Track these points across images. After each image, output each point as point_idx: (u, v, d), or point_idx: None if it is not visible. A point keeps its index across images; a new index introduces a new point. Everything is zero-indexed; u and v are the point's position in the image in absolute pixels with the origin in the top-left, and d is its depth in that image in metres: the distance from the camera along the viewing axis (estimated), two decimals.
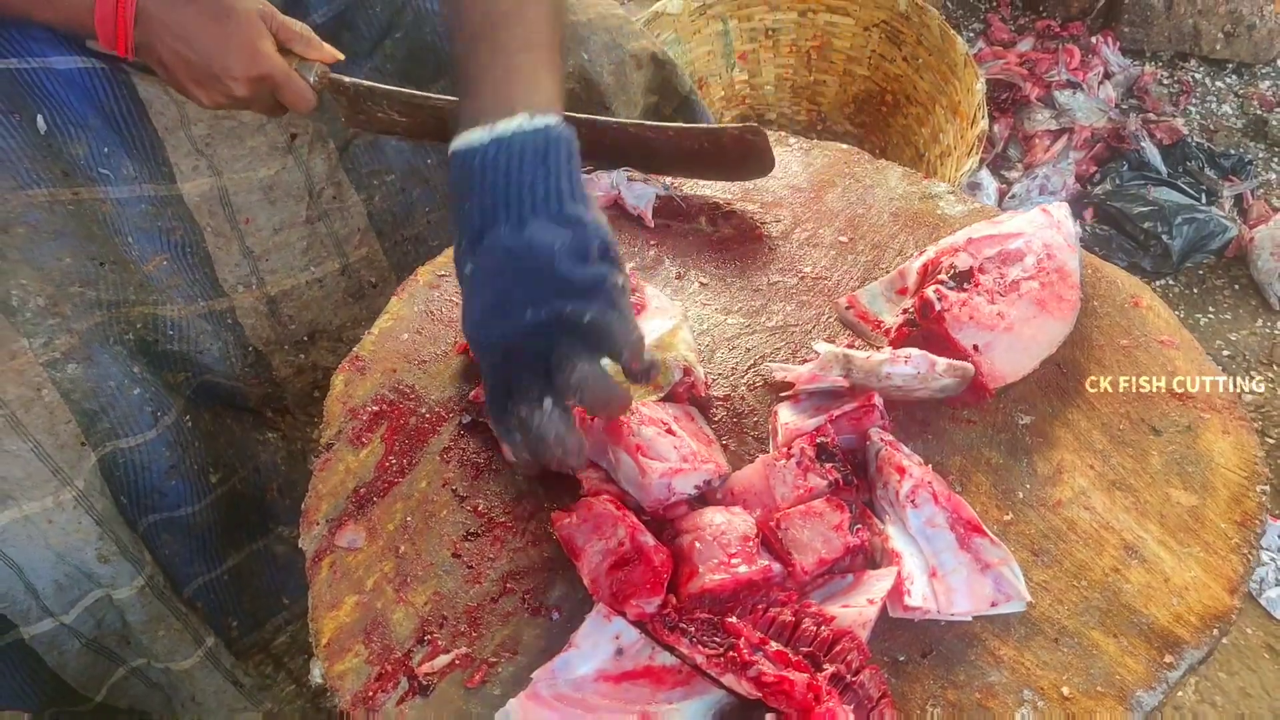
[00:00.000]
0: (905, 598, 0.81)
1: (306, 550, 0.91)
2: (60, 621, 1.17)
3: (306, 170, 1.27)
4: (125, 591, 1.20)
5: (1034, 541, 0.87)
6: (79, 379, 1.14)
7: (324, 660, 0.83)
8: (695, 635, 0.79)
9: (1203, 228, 2.11)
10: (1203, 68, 2.62)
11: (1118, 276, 1.07)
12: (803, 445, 0.88)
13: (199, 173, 1.23)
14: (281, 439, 1.45)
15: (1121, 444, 0.93)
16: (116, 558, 1.17)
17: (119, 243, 1.19)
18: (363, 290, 1.38)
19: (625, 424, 0.88)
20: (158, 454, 1.25)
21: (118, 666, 1.29)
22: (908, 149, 2.23)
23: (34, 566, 1.11)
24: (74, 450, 1.13)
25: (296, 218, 1.29)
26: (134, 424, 1.22)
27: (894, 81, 2.24)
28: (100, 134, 1.16)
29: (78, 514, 1.12)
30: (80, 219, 1.16)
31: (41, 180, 1.12)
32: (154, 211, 1.21)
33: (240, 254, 1.27)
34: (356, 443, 0.98)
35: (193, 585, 1.39)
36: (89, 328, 1.17)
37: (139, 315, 1.22)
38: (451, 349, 1.06)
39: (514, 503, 0.93)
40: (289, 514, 1.49)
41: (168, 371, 1.28)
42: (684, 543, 0.84)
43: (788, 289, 1.10)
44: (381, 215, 1.35)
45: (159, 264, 1.22)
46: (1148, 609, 0.82)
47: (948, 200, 1.18)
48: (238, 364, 1.32)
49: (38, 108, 1.12)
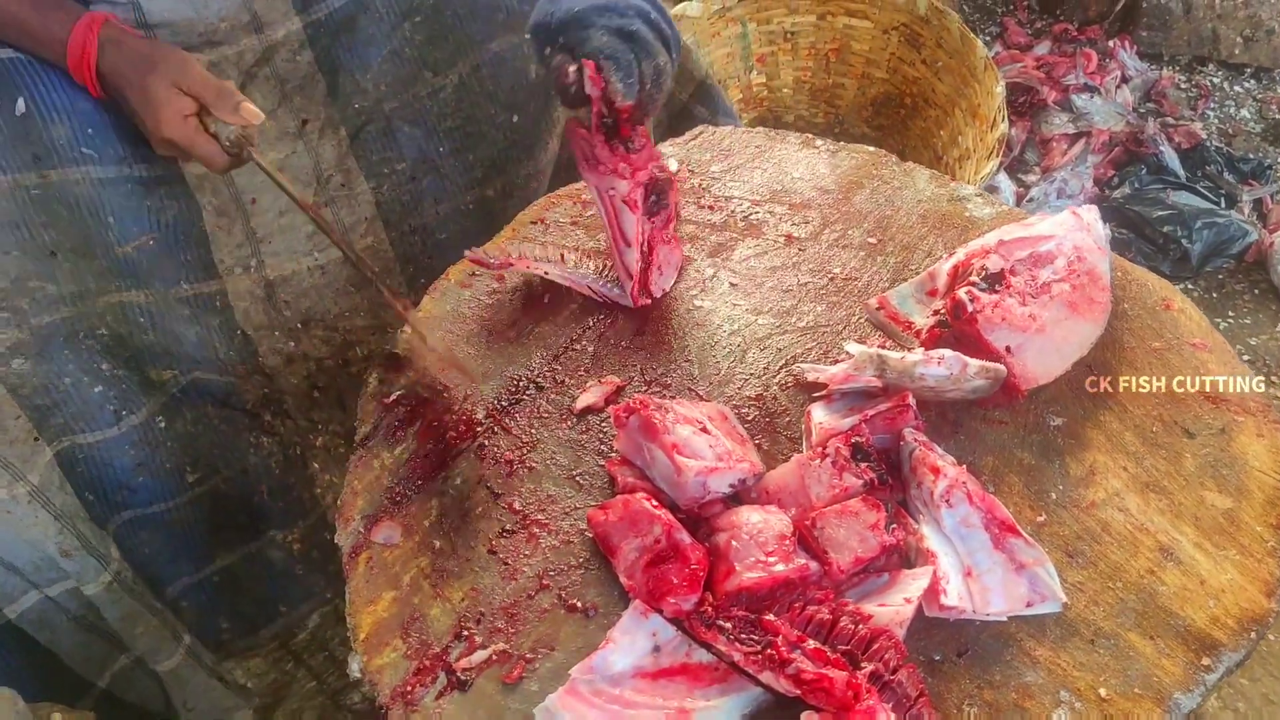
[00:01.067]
0: (941, 597, 0.81)
1: (343, 546, 0.92)
2: (44, 594, 1.18)
3: (315, 156, 1.26)
4: (93, 587, 1.20)
5: (1068, 542, 0.87)
6: (27, 374, 1.14)
7: (363, 654, 0.84)
8: (733, 633, 0.79)
9: (1222, 232, 2.11)
10: (1221, 72, 2.62)
11: (1148, 279, 1.07)
12: (838, 445, 0.88)
13: None
14: (278, 443, 1.43)
15: (1155, 446, 0.93)
16: (79, 553, 1.18)
17: (93, 224, 1.18)
18: (365, 280, 1.37)
19: (661, 421, 0.88)
20: (120, 451, 1.25)
21: (119, 654, 1.29)
22: (926, 152, 2.23)
23: (6, 547, 1.13)
24: (26, 445, 1.14)
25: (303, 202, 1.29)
26: (91, 421, 1.22)
27: (912, 84, 2.24)
28: (87, 116, 1.15)
29: (33, 508, 1.13)
30: (43, 204, 1.15)
31: (6, 166, 1.12)
32: (142, 190, 1.19)
33: (243, 234, 1.26)
34: (391, 439, 0.99)
35: (177, 585, 1.39)
36: (51, 322, 1.16)
37: (105, 306, 1.20)
38: (485, 345, 1.07)
39: (548, 500, 0.93)
40: (282, 518, 1.47)
41: (151, 368, 1.27)
42: (720, 541, 0.84)
43: (818, 290, 1.10)
44: (389, 204, 1.34)
45: (144, 244, 1.20)
46: (1184, 611, 0.82)
47: (976, 202, 1.18)
48: (220, 349, 1.30)
49: (19, 91, 1.12)
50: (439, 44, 1.28)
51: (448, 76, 1.29)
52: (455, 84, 1.30)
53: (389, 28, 1.25)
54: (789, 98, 2.43)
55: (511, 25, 1.28)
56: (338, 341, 1.38)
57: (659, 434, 0.88)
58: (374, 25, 1.24)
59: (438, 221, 1.38)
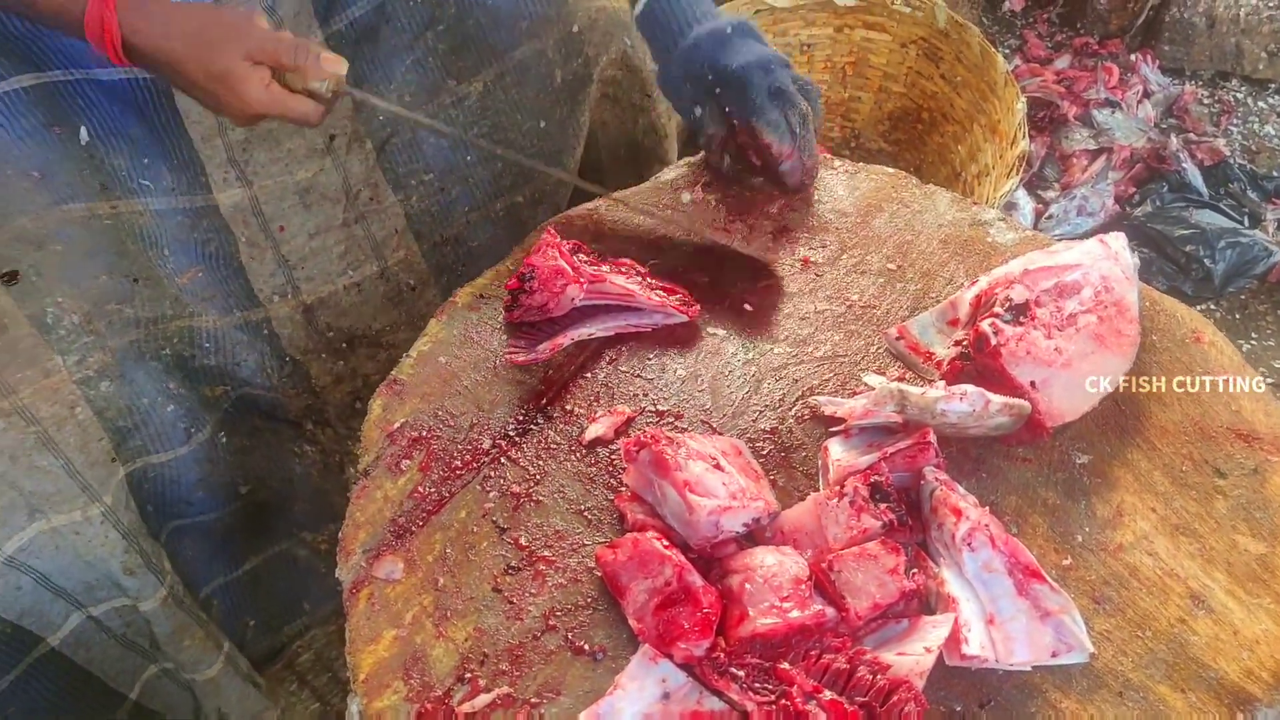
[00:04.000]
0: (963, 646, 0.78)
1: (344, 580, 0.89)
2: (88, 613, 1.17)
3: (344, 171, 1.25)
4: (150, 604, 1.19)
5: (1094, 588, 0.84)
6: (113, 397, 1.14)
7: (363, 696, 0.81)
8: (746, 681, 0.76)
9: (1246, 252, 2.07)
10: (1244, 87, 2.58)
11: (1177, 310, 1.04)
12: (856, 484, 0.85)
13: (229, 184, 1.21)
14: (319, 452, 1.44)
15: (1184, 486, 0.90)
16: (141, 570, 1.17)
17: (154, 256, 1.18)
18: (401, 294, 1.36)
19: (673, 457, 0.85)
20: (187, 469, 1.25)
21: (149, 664, 1.29)
22: (943, 168, 2.19)
23: (62, 571, 1.11)
24: (104, 467, 1.13)
25: (333, 221, 1.28)
26: (166, 440, 1.21)
27: (930, 99, 2.21)
28: (141, 144, 1.15)
29: (105, 528, 1.11)
30: (115, 235, 1.15)
31: (79, 195, 1.12)
32: (190, 223, 1.20)
33: (275, 263, 1.26)
34: (394, 470, 0.96)
35: (210, 585, 1.39)
36: (124, 345, 1.16)
37: (175, 330, 1.21)
38: (492, 372, 1.04)
39: (556, 536, 0.90)
40: (313, 520, 1.48)
41: (205, 386, 1.27)
42: (733, 583, 0.81)
43: (835, 317, 1.07)
44: (420, 216, 1.33)
45: (194, 276, 1.21)
46: (1216, 663, 0.78)
47: (999, 227, 1.15)
48: (275, 374, 1.31)
49: (81, 119, 1.11)
50: (462, 53, 1.27)
51: (472, 85, 1.28)
52: (480, 92, 1.28)
53: (411, 38, 1.23)
54: None
55: (535, 32, 1.27)
56: (384, 358, 1.37)
57: (670, 470, 0.85)
58: (396, 36, 1.23)
59: (469, 230, 1.37)
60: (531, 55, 1.28)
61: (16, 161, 1.08)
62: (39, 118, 1.08)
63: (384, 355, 1.39)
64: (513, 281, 1.06)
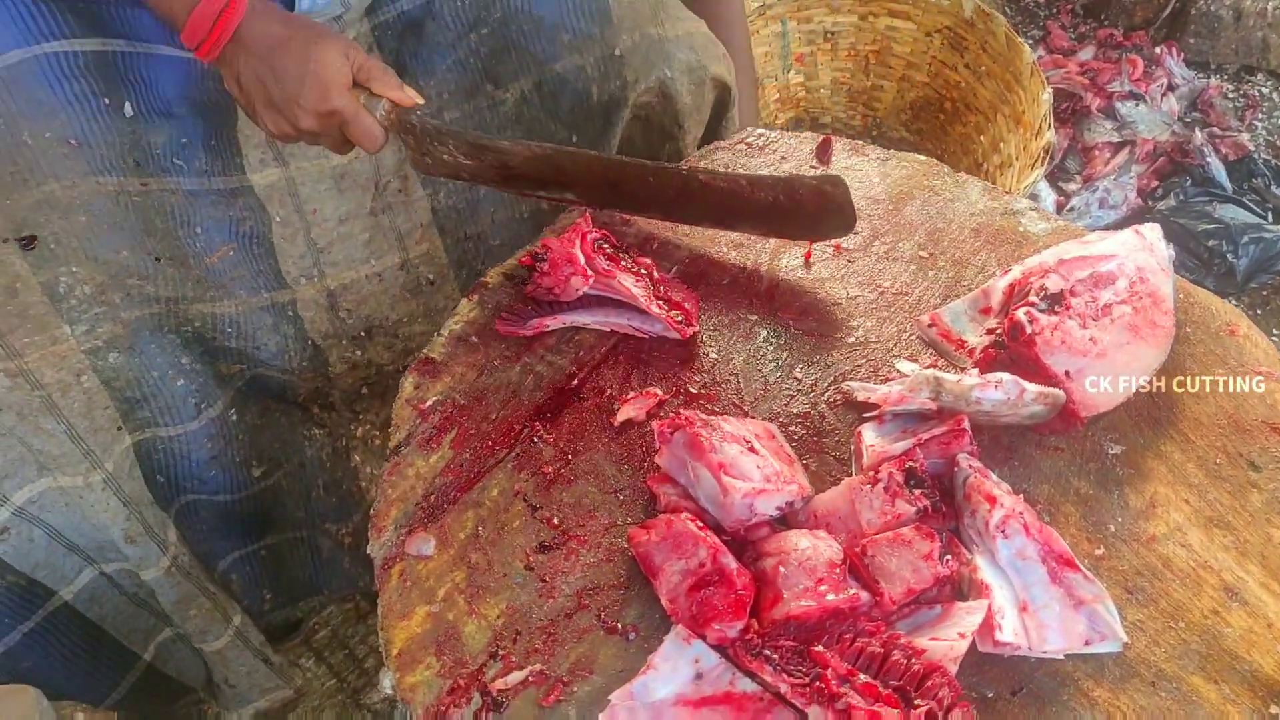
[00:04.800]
0: (996, 632, 0.78)
1: (375, 557, 0.90)
2: (100, 569, 1.20)
3: (377, 160, 1.25)
4: (152, 572, 1.21)
5: (1127, 578, 0.84)
6: (121, 368, 1.16)
7: (395, 671, 0.82)
8: (779, 663, 0.77)
9: (1270, 247, 2.05)
10: (1270, 82, 2.56)
11: (1212, 303, 1.03)
12: (891, 470, 0.85)
13: (265, 164, 1.21)
14: (327, 435, 1.45)
15: (1218, 479, 0.90)
16: (143, 538, 1.19)
17: (184, 235, 1.18)
18: (420, 286, 1.37)
19: (708, 439, 0.85)
20: (198, 444, 1.26)
21: (163, 626, 1.31)
22: (965, 158, 2.19)
23: (74, 527, 1.14)
24: (108, 434, 1.15)
25: (361, 208, 1.28)
26: (176, 414, 1.23)
27: (954, 89, 2.20)
28: (183, 124, 1.15)
29: (106, 495, 1.14)
30: (143, 212, 1.15)
31: (114, 168, 1.12)
32: (224, 201, 1.20)
33: (305, 245, 1.26)
34: (426, 447, 0.97)
35: (227, 559, 1.41)
36: (139, 317, 1.17)
37: (197, 313, 1.21)
38: (523, 349, 1.04)
39: (588, 515, 0.91)
40: (335, 512, 1.49)
41: (222, 363, 1.27)
42: (767, 566, 0.81)
43: (867, 304, 1.07)
44: (445, 212, 1.33)
45: (225, 254, 1.21)
46: (1250, 655, 0.78)
47: (1030, 217, 1.15)
48: (295, 358, 1.31)
49: (128, 93, 1.11)
50: (503, 58, 1.26)
51: (509, 91, 1.28)
52: (516, 98, 1.28)
53: (455, 37, 1.23)
54: (826, 99, 2.39)
55: (577, 47, 1.27)
56: (399, 348, 1.39)
57: (705, 452, 0.85)
58: (441, 33, 1.23)
59: (492, 229, 1.37)
60: (571, 70, 1.28)
61: (59, 126, 1.08)
62: (90, 85, 1.08)
63: (399, 346, 1.39)
64: (526, 258, 1.06)
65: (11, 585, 1.14)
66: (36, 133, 1.07)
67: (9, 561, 1.12)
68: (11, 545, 1.11)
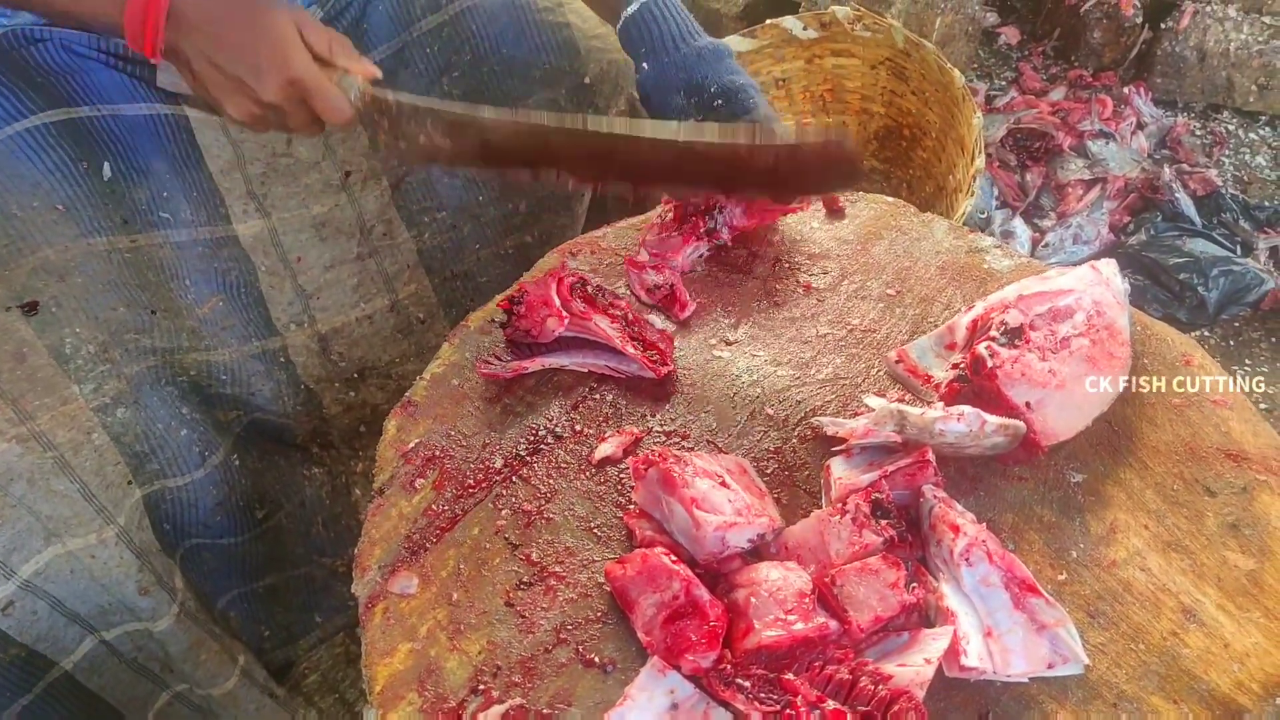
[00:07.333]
0: (962, 657, 0.80)
1: (360, 595, 0.92)
2: (101, 637, 1.18)
3: (359, 207, 1.29)
4: (165, 622, 1.22)
5: (1089, 602, 0.86)
6: (129, 422, 1.17)
7: (378, 708, 0.84)
8: (751, 691, 0.79)
9: (1239, 280, 2.10)
10: (1236, 119, 2.63)
11: (1168, 334, 1.07)
12: (858, 501, 0.88)
13: (249, 215, 1.25)
14: (326, 474, 1.47)
15: (1176, 504, 0.93)
16: (155, 588, 1.19)
17: (175, 287, 1.21)
18: (411, 326, 1.40)
19: (680, 475, 0.88)
20: (204, 492, 1.28)
21: (161, 691, 1.30)
22: (929, 182, 2.21)
23: (77, 595, 1.13)
24: (119, 489, 1.16)
25: (347, 254, 1.31)
26: (182, 464, 1.24)
27: (908, 116, 2.23)
28: (161, 179, 1.18)
29: (119, 549, 1.14)
30: (136, 268, 1.18)
31: (102, 229, 1.15)
32: (210, 253, 1.23)
33: (293, 292, 1.29)
34: (409, 488, 0.99)
35: (226, 597, 1.42)
36: (139, 371, 1.19)
37: (192, 362, 1.24)
38: (502, 392, 1.07)
39: (566, 552, 0.93)
40: (332, 546, 1.51)
41: (219, 410, 1.30)
42: (739, 597, 0.84)
43: (837, 341, 1.10)
44: (431, 252, 1.36)
45: (214, 305, 1.24)
46: (1208, 675, 0.81)
47: (994, 254, 1.19)
48: (289, 403, 1.34)
49: (104, 155, 1.15)
50: (476, 98, 1.30)
51: None
52: None
53: (427, 82, 1.27)
54: None
55: (548, 81, 1.31)
56: (392, 388, 1.41)
57: (678, 487, 0.88)
58: (414, 80, 1.27)
59: (479, 266, 1.40)
60: (544, 103, 1.32)
61: (44, 195, 1.11)
62: (66, 153, 1.12)
63: (393, 386, 1.42)
64: (504, 301, 1.09)
65: (14, 659, 1.12)
66: (24, 204, 1.10)
67: (12, 635, 1.10)
68: (15, 619, 1.09)
